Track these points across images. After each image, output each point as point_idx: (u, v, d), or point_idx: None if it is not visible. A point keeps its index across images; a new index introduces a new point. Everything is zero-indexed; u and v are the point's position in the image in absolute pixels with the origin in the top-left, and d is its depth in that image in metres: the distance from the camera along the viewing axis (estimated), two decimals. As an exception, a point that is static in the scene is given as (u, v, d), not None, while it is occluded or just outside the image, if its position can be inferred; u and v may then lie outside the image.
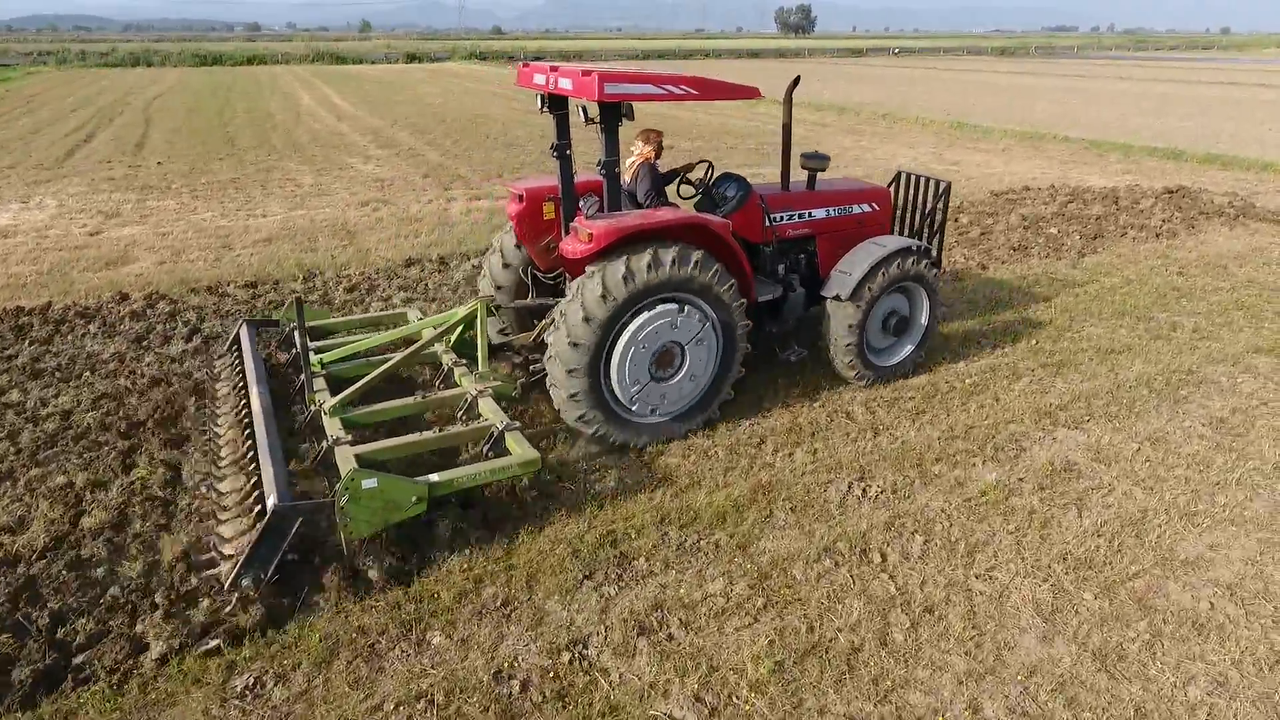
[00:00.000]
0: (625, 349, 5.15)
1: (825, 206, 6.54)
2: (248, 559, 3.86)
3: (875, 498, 4.91)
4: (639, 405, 5.37)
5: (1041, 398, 6.21)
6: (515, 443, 4.74)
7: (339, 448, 4.58)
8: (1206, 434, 5.72)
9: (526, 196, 5.88)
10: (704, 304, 5.34)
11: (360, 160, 17.54)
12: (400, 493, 4.15)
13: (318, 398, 5.24)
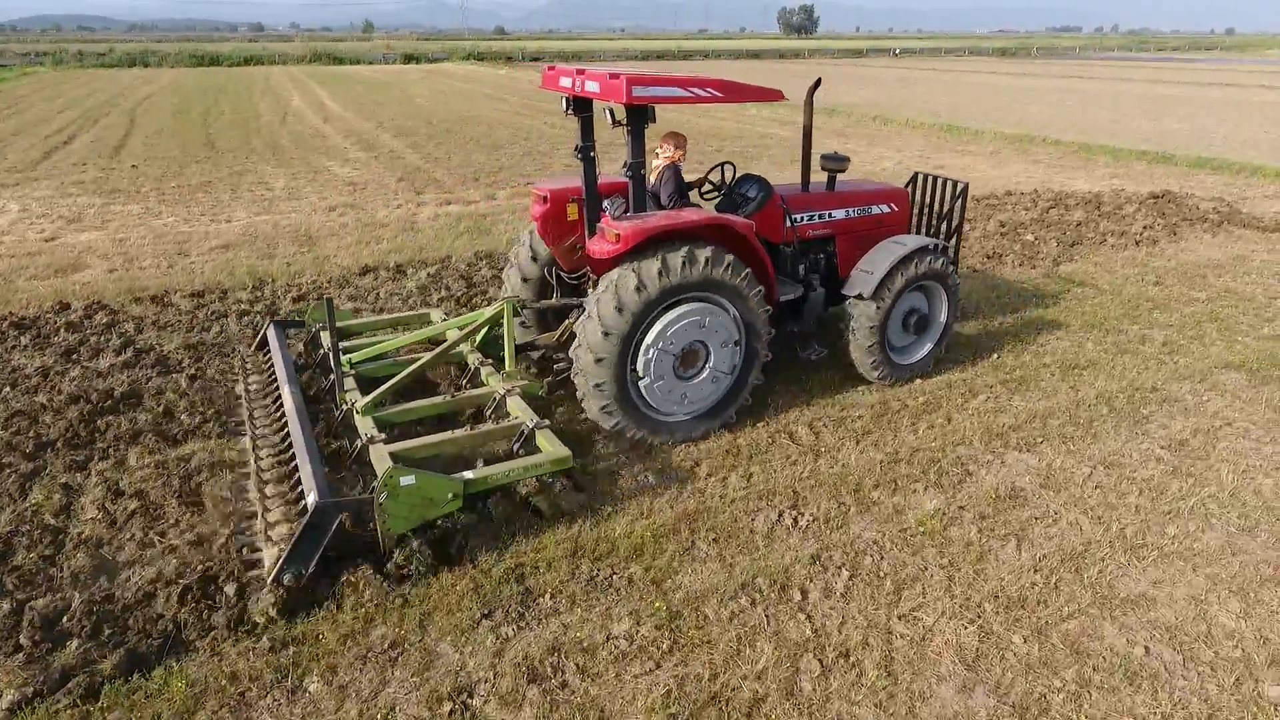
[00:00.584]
0: (652, 344, 5.22)
1: (845, 207, 6.62)
2: (290, 555, 3.91)
3: (805, 528, 4.66)
4: (662, 402, 5.43)
5: (995, 417, 5.95)
6: (546, 440, 4.85)
7: (373, 446, 4.67)
8: (1165, 457, 5.46)
9: (550, 198, 5.92)
10: (730, 304, 5.41)
11: (338, 163, 17.32)
12: (437, 489, 4.24)
13: (348, 397, 5.29)
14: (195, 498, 4.78)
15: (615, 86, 4.86)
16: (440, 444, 4.92)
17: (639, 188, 5.42)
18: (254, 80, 44.93)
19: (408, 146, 19.81)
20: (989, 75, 50.45)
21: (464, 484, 4.34)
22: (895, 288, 6.14)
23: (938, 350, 6.71)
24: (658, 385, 5.34)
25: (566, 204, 5.93)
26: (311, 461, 4.43)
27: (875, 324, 6.15)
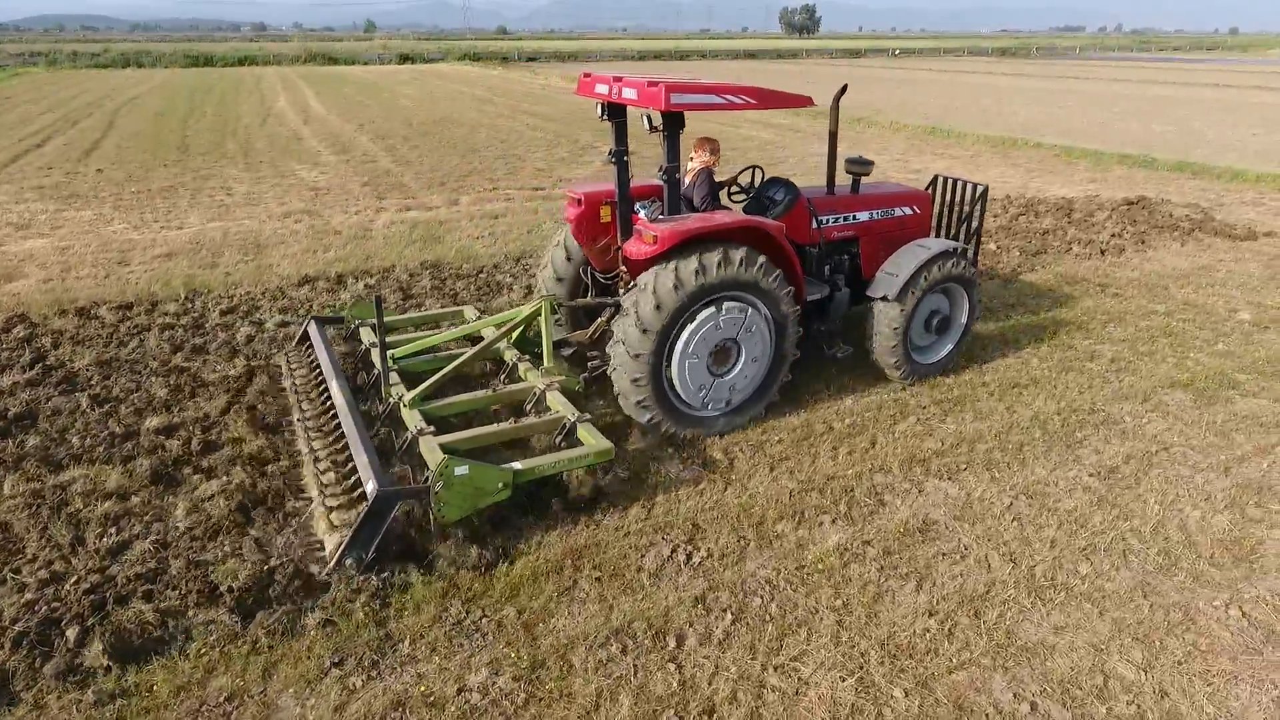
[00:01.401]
0: (687, 342, 5.37)
1: (869, 209, 6.78)
2: (350, 541, 4.11)
3: (698, 565, 4.41)
4: (695, 398, 5.59)
5: (921, 442, 5.70)
6: (588, 434, 5.01)
7: (423, 438, 4.84)
8: (1092, 485, 5.21)
9: (585, 200, 6.09)
10: (761, 303, 5.56)
11: (307, 167, 17.09)
12: (488, 479, 4.42)
13: (393, 391, 5.45)
14: (64, 530, 4.56)
15: (654, 94, 4.97)
16: (487, 436, 5.09)
17: (674, 191, 5.58)
18: (244, 81, 44.76)
19: (382, 149, 19.59)
20: (985, 76, 50.13)
21: (513, 474, 4.53)
22: (919, 290, 6.27)
23: (958, 350, 6.84)
24: (691, 381, 5.50)
25: (600, 206, 6.11)
26: (366, 452, 4.58)
27: (899, 325, 6.27)
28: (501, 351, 6.11)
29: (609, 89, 5.44)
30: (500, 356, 6.15)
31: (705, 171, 6.05)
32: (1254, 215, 12.61)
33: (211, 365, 6.77)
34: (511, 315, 6.13)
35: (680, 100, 4.99)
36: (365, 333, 6.54)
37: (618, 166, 5.85)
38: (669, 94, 4.93)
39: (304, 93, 36.53)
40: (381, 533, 4.16)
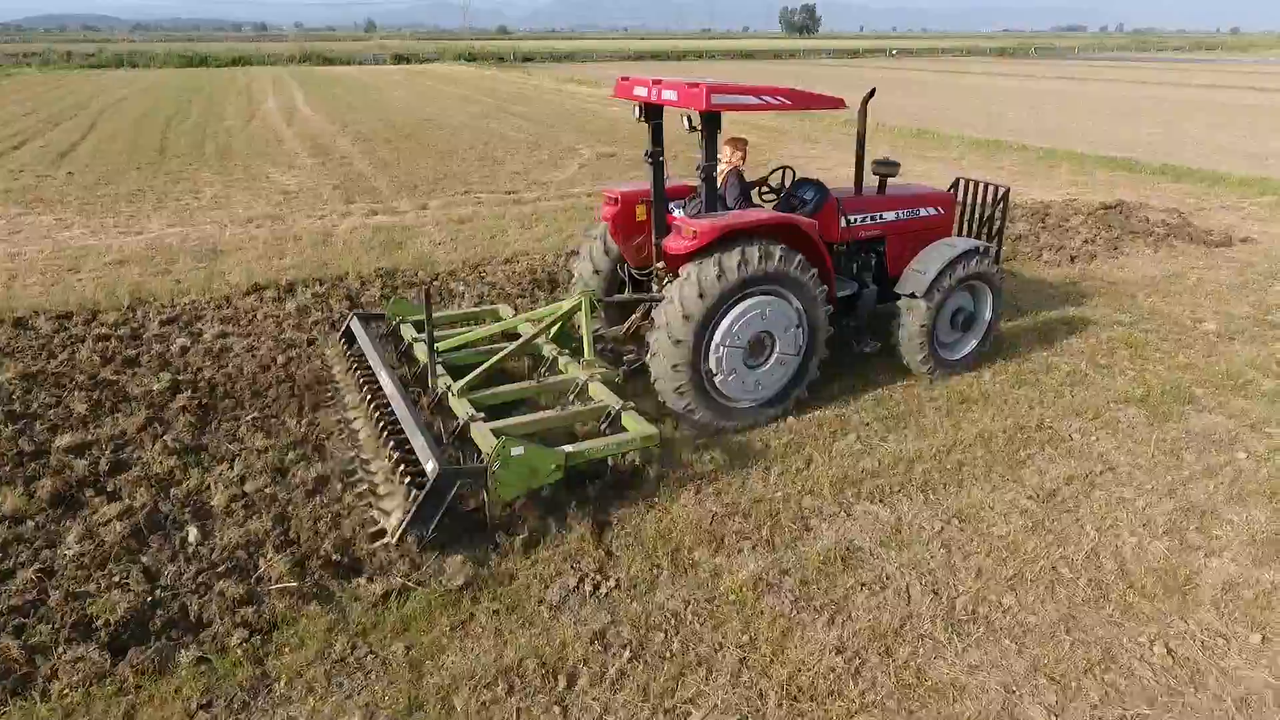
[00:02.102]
0: (725, 333, 5.55)
1: (895, 209, 6.93)
2: (413, 518, 4.33)
3: (606, 595, 4.22)
4: (730, 388, 5.74)
5: (858, 461, 5.51)
6: (633, 420, 5.20)
7: (474, 424, 5.04)
8: (1030, 508, 5.01)
9: (621, 200, 6.28)
10: (795, 297, 5.74)
11: (281, 170, 16.92)
12: (542, 461, 4.60)
13: (440, 382, 5.62)
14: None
15: (695, 94, 5.19)
16: (535, 423, 5.28)
17: (711, 188, 5.75)
18: (236, 81, 44.60)
19: (361, 152, 19.42)
20: (980, 76, 49.90)
21: (565, 456, 4.70)
22: (945, 287, 6.43)
23: (982, 347, 7.00)
24: (727, 372, 5.67)
25: (635, 205, 6.31)
26: (422, 434, 4.79)
27: (926, 321, 6.43)
28: (540, 346, 6.26)
29: (648, 91, 5.64)
30: (539, 350, 6.31)
31: (734, 171, 6.23)
32: (1232, 221, 12.40)
33: (139, 379, 6.59)
34: (551, 310, 6.29)
35: (720, 101, 5.20)
36: (406, 329, 6.69)
37: (653, 167, 6.06)
38: (710, 95, 5.14)
39: (294, 93, 36.36)
40: (442, 510, 4.38)
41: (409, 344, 6.52)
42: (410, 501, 4.45)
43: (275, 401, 6.21)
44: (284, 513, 4.80)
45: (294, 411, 6.03)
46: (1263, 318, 8.27)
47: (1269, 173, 15.85)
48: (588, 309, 5.96)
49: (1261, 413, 6.25)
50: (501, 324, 6.59)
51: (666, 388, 5.62)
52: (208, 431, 5.78)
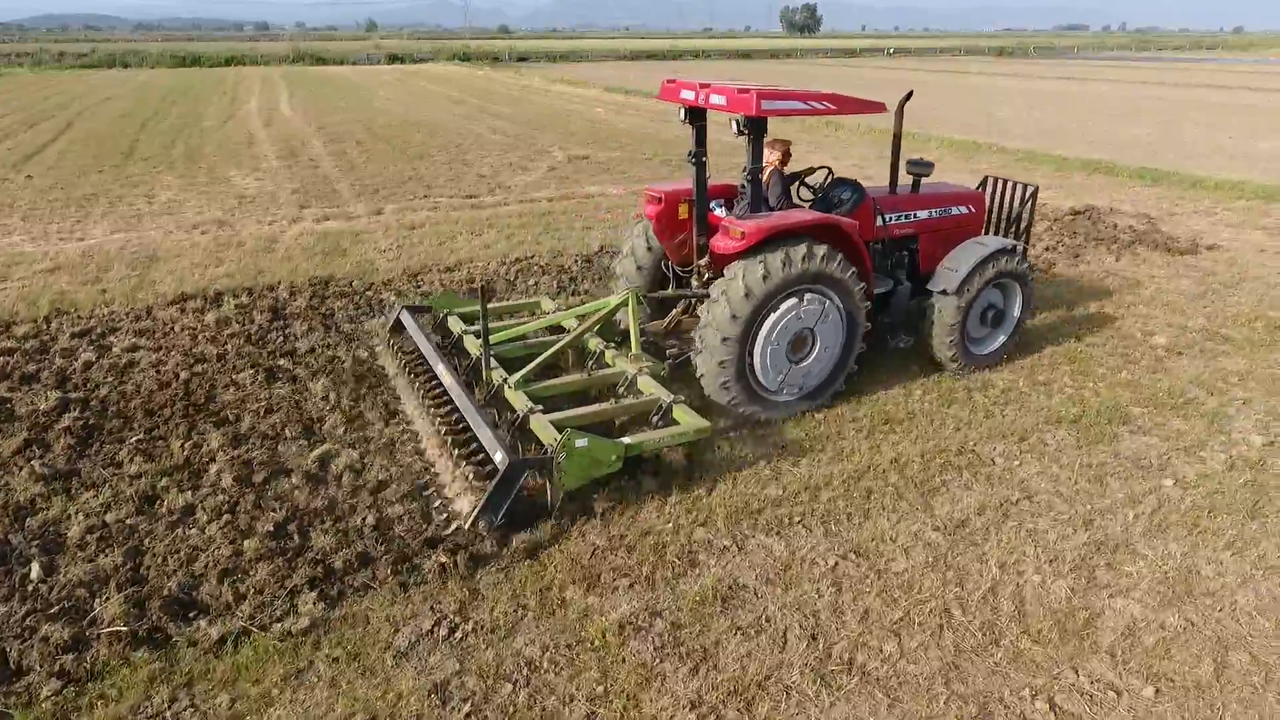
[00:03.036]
0: (770, 330, 5.73)
1: (929, 208, 7.12)
2: (484, 506, 4.54)
3: (460, 640, 3.95)
4: (773, 383, 5.94)
5: (763, 489, 5.23)
6: (684, 413, 5.37)
7: (534, 416, 5.20)
8: (935, 541, 4.73)
9: (665, 199, 6.40)
10: (836, 294, 5.93)
11: (244, 172, 16.66)
12: (604, 451, 4.79)
13: (494, 375, 5.72)
14: None
15: (744, 100, 5.33)
16: (591, 415, 5.45)
17: (756, 190, 5.99)
18: (225, 81, 44.41)
19: (331, 154, 19.16)
20: (976, 76, 49.51)
21: (624, 448, 4.88)
22: (976, 285, 6.60)
23: (1010, 342, 7.15)
24: (770, 366, 5.86)
25: (678, 204, 6.42)
26: (488, 426, 4.96)
27: (957, 317, 6.60)
28: (586, 340, 6.34)
29: (695, 95, 5.77)
30: (584, 345, 6.40)
31: (776, 172, 6.43)
32: (1202, 226, 12.10)
33: (30, 397, 6.33)
34: (598, 306, 6.39)
35: (769, 107, 5.37)
36: (453, 322, 6.82)
37: (696, 167, 6.20)
38: (759, 101, 5.30)
39: (280, 94, 36.12)
40: (511, 498, 4.58)
41: (458, 336, 6.64)
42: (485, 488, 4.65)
43: (168, 422, 5.95)
44: (140, 546, 4.54)
45: (182, 434, 5.77)
46: (1216, 331, 7.98)
47: (1252, 175, 15.53)
48: (634, 304, 6.16)
49: (1198, 435, 5.97)
50: (549, 318, 6.76)
51: (712, 380, 5.80)
52: (86, 455, 5.52)
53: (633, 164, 17.87)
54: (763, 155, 5.95)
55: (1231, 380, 6.88)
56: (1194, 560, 4.56)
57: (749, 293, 5.56)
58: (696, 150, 6.17)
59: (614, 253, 10.63)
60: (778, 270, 5.59)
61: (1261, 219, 12.55)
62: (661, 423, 5.42)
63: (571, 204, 13.78)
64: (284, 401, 6.28)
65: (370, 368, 6.88)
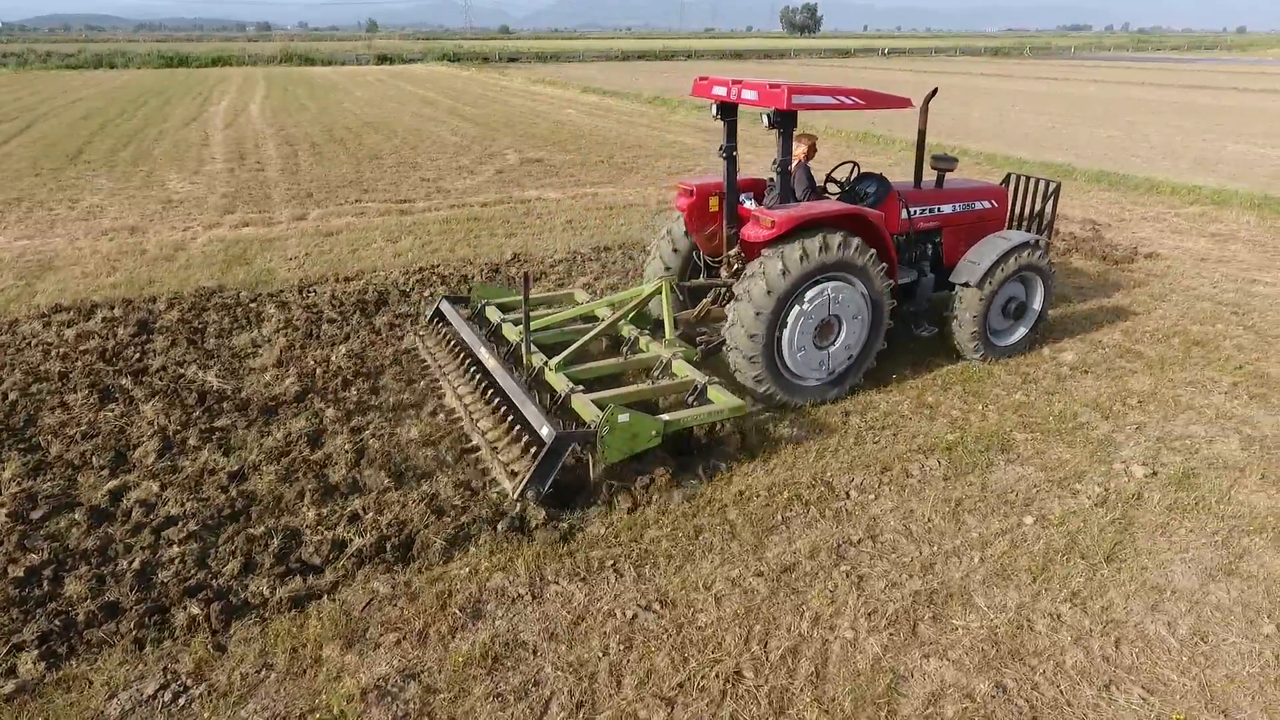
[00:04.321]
0: (798, 316, 5.94)
1: (952, 203, 7.32)
2: (532, 477, 4.79)
3: (180, 709, 3.54)
4: (800, 367, 6.14)
5: (586, 526, 4.81)
6: (719, 393, 5.55)
7: (575, 395, 5.44)
8: (754, 589, 4.32)
9: (696, 192, 6.65)
10: (862, 283, 6.12)
11: (185, 175, 16.29)
12: (644, 427, 5.00)
13: (535, 359, 5.95)
14: None
15: (776, 95, 5.58)
16: (629, 395, 5.61)
17: (785, 181, 6.28)
18: (206, 82, 44.06)
19: (280, 157, 18.78)
20: (964, 77, 48.99)
21: (664, 424, 5.09)
22: (998, 278, 6.78)
23: (1032, 335, 7.38)
24: (799, 351, 6.06)
25: (709, 198, 6.68)
26: (533, 403, 5.23)
27: (979, 309, 6.79)
28: (620, 327, 6.55)
29: (727, 91, 6.05)
30: (618, 331, 6.61)
31: (802, 166, 6.61)
32: (1147, 233, 11.66)
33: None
34: (633, 294, 6.73)
35: (800, 101, 5.59)
36: (491, 311, 7.04)
37: (727, 161, 6.45)
38: (790, 95, 5.53)
39: (254, 95, 35.77)
40: (557, 469, 4.82)
41: (497, 325, 6.85)
42: (531, 461, 4.90)
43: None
44: (-127, 594, 4.13)
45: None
46: (1130, 347, 7.56)
47: (1211, 179, 15.09)
48: (668, 293, 6.46)
49: (1078, 465, 5.55)
50: (583, 307, 6.99)
51: (742, 363, 5.97)
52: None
53: (584, 168, 17.48)
54: (791, 148, 6.18)
55: (1131, 402, 6.47)
56: (1030, 613, 4.14)
57: (778, 279, 5.76)
58: (728, 145, 6.42)
59: (525, 260, 10.26)
60: (805, 258, 5.77)
61: (1210, 225, 12.13)
62: (697, 403, 5.60)
63: (505, 209, 13.39)
64: (106, 426, 5.88)
65: (203, 386, 6.55)
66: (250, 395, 6.41)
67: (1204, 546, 4.66)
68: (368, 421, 5.97)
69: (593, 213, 13.06)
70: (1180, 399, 6.53)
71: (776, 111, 5.75)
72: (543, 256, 10.40)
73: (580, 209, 13.34)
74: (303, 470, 5.29)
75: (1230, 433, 5.98)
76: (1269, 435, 5.93)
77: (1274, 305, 8.62)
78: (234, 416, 6.06)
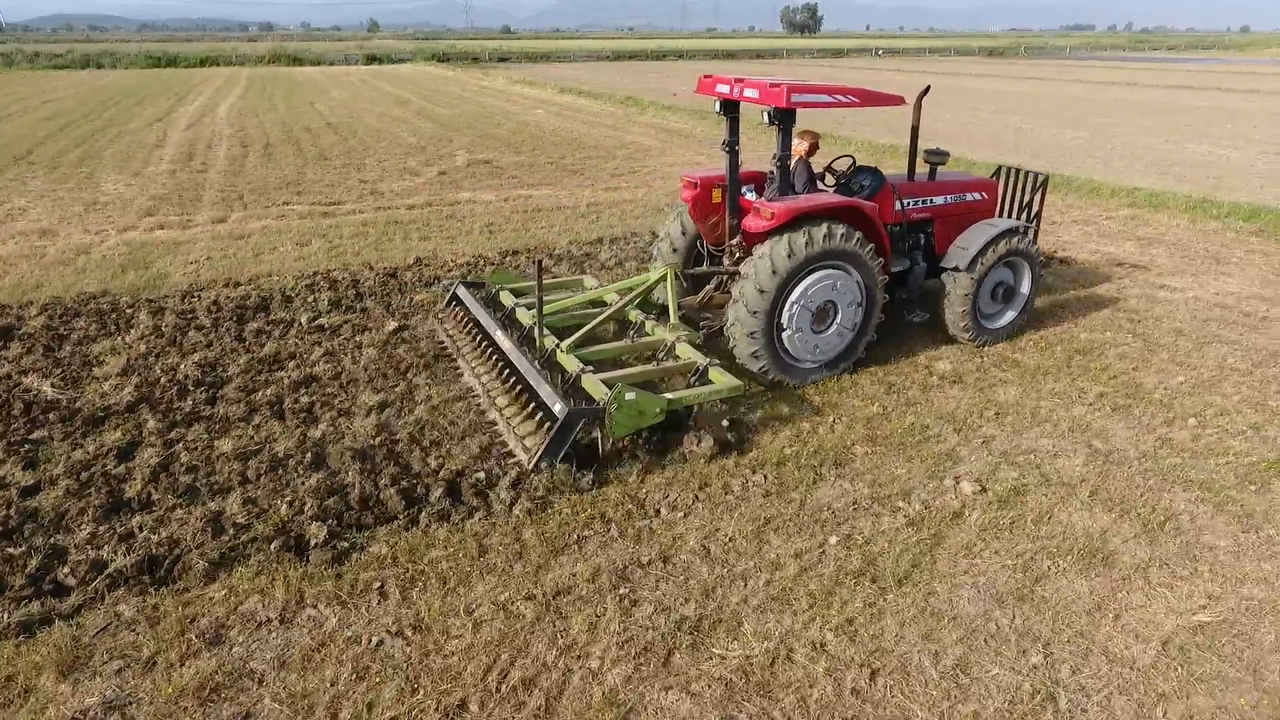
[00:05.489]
0: (795, 301, 6.29)
1: (944, 194, 7.60)
2: (545, 449, 5.14)
3: None
4: (798, 350, 6.51)
5: (369, 545, 4.63)
6: (719, 374, 5.91)
7: (584, 375, 5.77)
8: (520, 613, 4.14)
9: (700, 184, 7.01)
10: (857, 271, 6.48)
11: (125, 177, 16.13)
12: (649, 405, 5.34)
13: (547, 341, 6.25)
14: None
15: (776, 93, 5.92)
16: (635, 375, 5.95)
17: (785, 175, 6.60)
18: (187, 83, 43.98)
19: (230, 157, 18.65)
20: (950, 77, 48.68)
21: (667, 402, 5.45)
22: (986, 262, 7.10)
23: (1020, 318, 7.70)
24: (797, 335, 6.42)
25: (712, 189, 7.01)
26: (546, 382, 5.54)
27: (969, 293, 7.13)
28: (628, 312, 6.98)
29: (730, 89, 6.41)
30: (625, 316, 7.05)
31: (802, 160, 6.89)
32: (1072, 236, 11.45)
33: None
34: (640, 281, 7.08)
35: (798, 99, 5.93)
36: (505, 296, 7.38)
37: (729, 155, 6.82)
38: (790, 94, 5.88)
39: (229, 95, 35.66)
40: (569, 442, 5.14)
41: (511, 309, 7.14)
42: (544, 434, 5.26)
43: None
44: None
45: None
46: (1009, 355, 7.36)
47: (1160, 182, 14.86)
48: (673, 280, 6.82)
49: (910, 481, 5.36)
50: (591, 293, 7.40)
51: (743, 348, 6.34)
52: None
53: (531, 169, 17.31)
54: (791, 144, 6.49)
55: (989, 414, 6.27)
56: (795, 641, 3.95)
57: (784, 261, 6.10)
58: (730, 140, 6.79)
59: (428, 264, 10.09)
60: (802, 247, 6.11)
61: (1140, 229, 11.91)
62: (699, 383, 5.91)
63: (430, 211, 13.22)
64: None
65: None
66: (83, 405, 6.24)
67: (1003, 570, 4.47)
68: (187, 434, 5.80)
69: (517, 216, 12.88)
70: (1040, 410, 6.33)
71: (776, 109, 6.05)
72: (444, 261, 10.23)
73: (507, 212, 13.17)
74: (99, 484, 5.12)
75: (1079, 447, 5.78)
76: (1117, 450, 5.73)
77: (1172, 311, 8.41)
78: (55, 428, 5.88)
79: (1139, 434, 5.95)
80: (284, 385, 6.60)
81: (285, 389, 6.54)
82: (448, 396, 6.39)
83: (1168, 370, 7.04)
